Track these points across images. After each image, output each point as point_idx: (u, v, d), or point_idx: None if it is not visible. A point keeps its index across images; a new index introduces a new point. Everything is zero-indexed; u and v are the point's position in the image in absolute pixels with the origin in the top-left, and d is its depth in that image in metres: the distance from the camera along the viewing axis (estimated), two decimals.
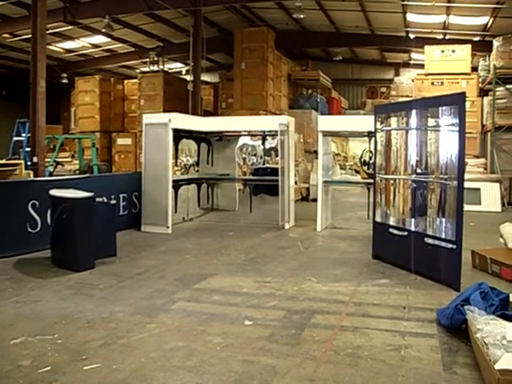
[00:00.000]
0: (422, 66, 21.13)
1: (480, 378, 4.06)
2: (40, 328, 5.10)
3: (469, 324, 4.72)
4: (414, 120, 7.88)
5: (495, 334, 4.18)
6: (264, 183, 13.43)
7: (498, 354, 3.93)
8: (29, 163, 13.39)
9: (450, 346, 4.71)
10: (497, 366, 3.77)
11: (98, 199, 8.15)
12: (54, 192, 8.01)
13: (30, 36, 13.80)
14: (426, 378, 4.08)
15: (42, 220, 8.78)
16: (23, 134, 16.89)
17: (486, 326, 4.37)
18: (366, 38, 22.98)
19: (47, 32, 15.28)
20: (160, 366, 4.29)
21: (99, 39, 23.08)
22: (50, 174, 15.98)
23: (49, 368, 4.21)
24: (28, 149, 14.54)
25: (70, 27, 20.74)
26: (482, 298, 5.04)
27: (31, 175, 12.68)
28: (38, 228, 8.77)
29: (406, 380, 4.06)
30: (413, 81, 21.27)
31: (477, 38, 20.14)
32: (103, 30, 19.59)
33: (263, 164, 16.21)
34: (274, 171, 12.23)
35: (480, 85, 19.00)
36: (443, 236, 6.92)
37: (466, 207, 11.33)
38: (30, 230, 8.66)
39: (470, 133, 16.95)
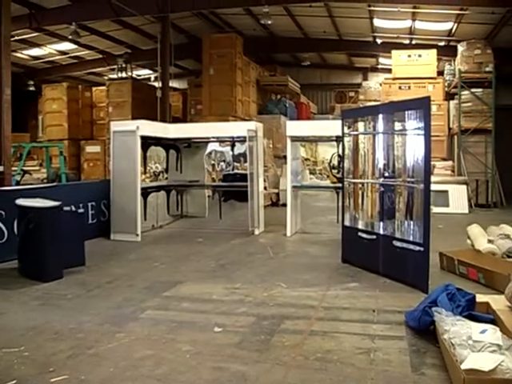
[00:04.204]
0: (389, 71, 21.35)
1: (448, 378, 4.11)
2: (6, 340, 5.02)
3: (436, 325, 4.78)
4: (381, 124, 7.94)
5: (461, 335, 4.24)
6: (233, 189, 13.46)
7: (465, 354, 3.99)
8: None
9: (418, 347, 4.76)
10: (463, 366, 3.83)
11: (65, 208, 8.06)
12: (20, 201, 7.89)
13: None
14: (395, 380, 4.12)
15: (9, 230, 8.63)
16: None
17: (453, 327, 4.43)
18: (334, 43, 23.19)
19: (12, 39, 15.06)
20: (129, 375, 4.25)
21: (66, 46, 22.82)
22: (17, 183, 15.72)
23: (14, 381, 4.13)
24: None
25: (36, 34, 20.48)
26: (449, 299, 5.10)
27: None
28: (5, 238, 8.62)
29: (375, 383, 4.09)
30: (381, 85, 21.44)
31: (442, 43, 20.52)
32: (70, 37, 19.34)
33: (232, 170, 16.22)
34: (244, 177, 12.24)
35: (446, 89, 19.25)
36: (411, 239, 6.99)
37: (435, 209, 11.52)
38: None
39: (438, 136, 17.18)
